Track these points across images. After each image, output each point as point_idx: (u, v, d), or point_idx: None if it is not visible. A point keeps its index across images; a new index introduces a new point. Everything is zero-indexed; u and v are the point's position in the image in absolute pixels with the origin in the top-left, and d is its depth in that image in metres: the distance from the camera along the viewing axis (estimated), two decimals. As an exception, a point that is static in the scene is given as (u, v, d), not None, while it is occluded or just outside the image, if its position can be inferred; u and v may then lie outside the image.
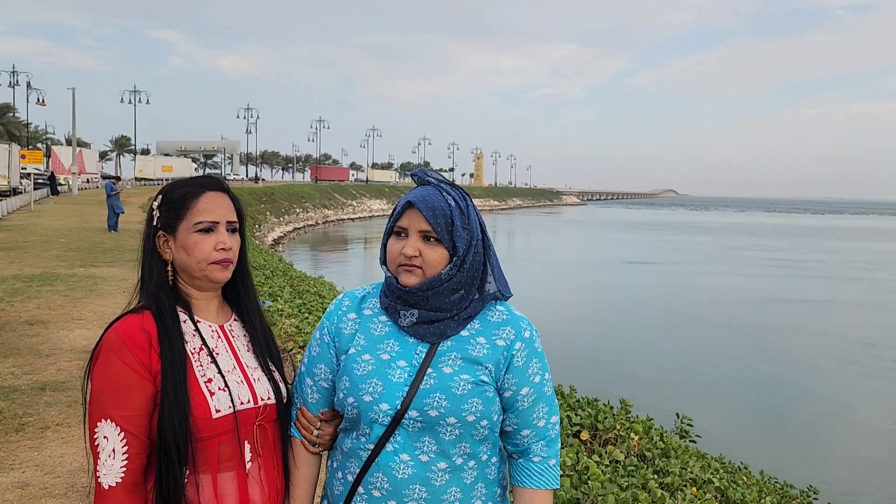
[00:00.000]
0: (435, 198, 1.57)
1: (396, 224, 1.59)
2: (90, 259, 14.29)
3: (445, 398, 1.53)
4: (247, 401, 1.63)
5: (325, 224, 59.13)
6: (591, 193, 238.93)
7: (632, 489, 3.97)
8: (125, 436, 1.51)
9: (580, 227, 72.80)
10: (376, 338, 1.62)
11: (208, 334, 1.67)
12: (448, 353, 1.57)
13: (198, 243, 1.63)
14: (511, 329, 1.61)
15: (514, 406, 1.61)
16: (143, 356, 1.55)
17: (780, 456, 9.76)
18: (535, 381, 1.62)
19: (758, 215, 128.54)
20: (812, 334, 18.92)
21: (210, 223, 1.64)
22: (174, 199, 1.67)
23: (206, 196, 1.66)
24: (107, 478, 1.50)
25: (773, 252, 44.89)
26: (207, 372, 1.61)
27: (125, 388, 1.53)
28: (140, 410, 1.53)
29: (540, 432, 1.65)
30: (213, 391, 1.59)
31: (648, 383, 13.01)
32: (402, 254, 1.57)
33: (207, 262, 1.63)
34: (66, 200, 37.63)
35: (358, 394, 1.56)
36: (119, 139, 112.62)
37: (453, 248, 1.57)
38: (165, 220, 1.66)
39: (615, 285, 27.97)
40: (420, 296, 1.57)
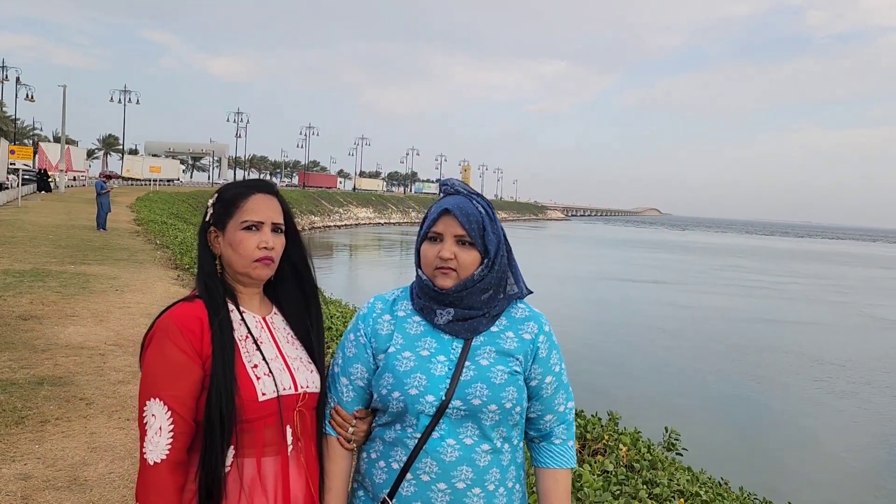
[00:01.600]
0: (467, 205, 1.72)
1: (432, 230, 1.73)
2: (80, 257, 14.25)
3: (486, 387, 1.67)
4: (288, 387, 1.73)
5: (312, 230, 59.00)
6: (575, 209, 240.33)
7: (624, 497, 4.09)
8: (172, 415, 1.60)
9: (564, 242, 73.17)
10: (413, 336, 1.74)
11: (253, 324, 1.78)
12: (482, 347, 1.71)
13: (243, 241, 1.74)
14: (534, 324, 1.78)
15: (539, 394, 1.77)
16: (195, 341, 1.65)
17: (756, 472, 9.92)
18: (555, 370, 1.79)
19: (738, 237, 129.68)
20: (787, 354, 19.20)
21: (255, 222, 1.74)
22: (226, 199, 1.79)
23: (255, 197, 1.77)
24: (152, 454, 1.58)
25: (751, 273, 45.44)
26: (254, 358, 1.71)
27: (176, 370, 1.62)
28: (188, 392, 1.62)
29: (560, 416, 1.81)
30: (259, 376, 1.69)
31: (628, 397, 13.15)
32: (438, 257, 1.70)
33: (251, 259, 1.74)
34: (54, 198, 37.32)
35: (403, 388, 1.68)
36: (107, 138, 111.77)
37: (485, 250, 1.73)
38: (217, 217, 1.78)
39: (597, 300, 28.19)
40: (455, 296, 1.71)
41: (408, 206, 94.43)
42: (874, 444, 12.34)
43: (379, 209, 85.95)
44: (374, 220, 79.71)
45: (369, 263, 39.77)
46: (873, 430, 13.02)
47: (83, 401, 5.48)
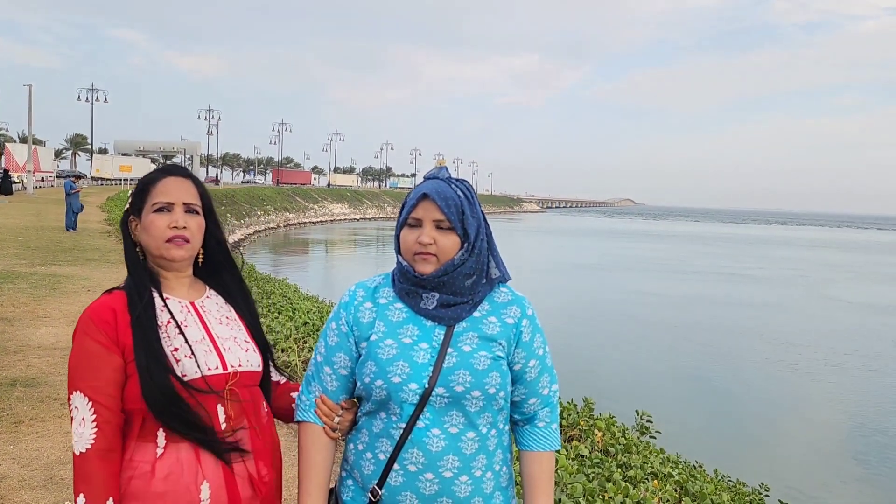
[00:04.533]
0: (446, 189, 1.72)
1: (410, 216, 1.72)
2: (50, 258, 14.06)
3: (469, 374, 1.67)
4: (214, 367, 1.75)
5: (287, 227, 58.63)
6: (550, 201, 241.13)
7: (598, 480, 4.17)
8: (94, 405, 1.63)
9: (540, 234, 73.48)
10: (395, 324, 1.73)
11: (177, 309, 1.79)
12: (465, 333, 1.71)
13: (153, 222, 1.77)
14: (517, 308, 1.78)
15: (523, 378, 1.77)
16: (110, 331, 1.67)
17: (730, 454, 10.11)
18: (539, 353, 1.80)
19: (710, 225, 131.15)
20: (755, 336, 19.54)
21: (165, 203, 1.78)
22: (140, 186, 1.84)
23: (166, 180, 1.81)
24: (78, 444, 1.62)
25: (721, 259, 46.17)
26: (174, 342, 1.72)
27: (93, 362, 1.65)
28: (109, 381, 1.65)
29: (544, 400, 1.81)
30: (178, 359, 1.70)
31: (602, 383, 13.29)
32: (417, 242, 1.69)
33: (162, 239, 1.76)
34: (22, 199, 36.65)
35: (386, 376, 1.67)
36: (75, 137, 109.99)
37: (464, 234, 1.72)
38: (134, 205, 1.83)
39: (571, 289, 28.43)
40: (436, 282, 1.70)
41: (383, 202, 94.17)
42: (841, 421, 12.64)
43: (354, 205, 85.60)
44: (349, 215, 79.34)
45: (345, 259, 39.64)
46: (839, 409, 13.32)
47: (57, 401, 5.44)
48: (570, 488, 3.76)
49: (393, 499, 1.68)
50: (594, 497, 3.76)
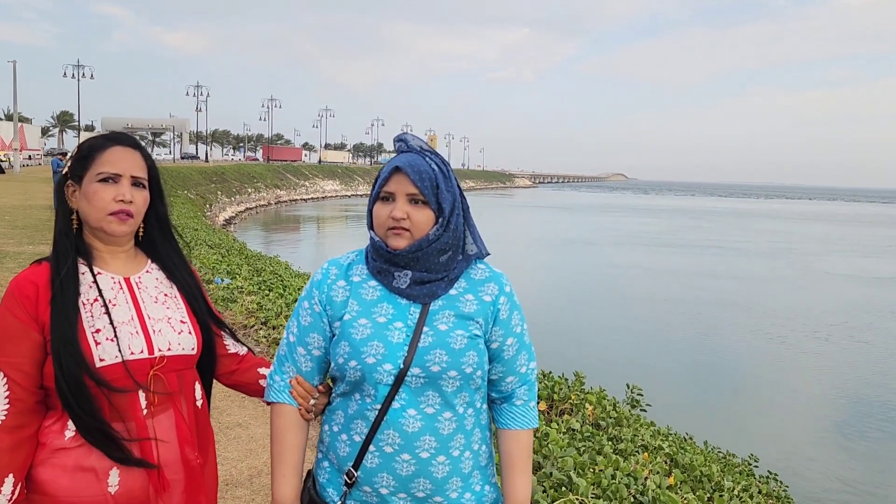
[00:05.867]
0: (419, 162, 1.65)
1: (383, 189, 1.66)
2: (38, 237, 13.98)
3: (446, 353, 1.62)
4: (139, 351, 1.67)
5: (278, 204, 58.38)
6: (542, 176, 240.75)
7: (589, 453, 4.20)
8: (7, 381, 1.58)
9: (532, 209, 73.48)
10: (369, 302, 1.68)
11: (108, 286, 1.71)
12: (441, 312, 1.66)
13: (97, 192, 1.67)
14: (494, 285, 1.73)
15: (501, 356, 1.73)
16: (30, 306, 1.61)
17: (719, 426, 10.22)
18: (517, 331, 1.74)
19: (701, 199, 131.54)
20: (744, 309, 19.72)
21: (111, 174, 1.68)
22: (83, 151, 1.73)
23: (113, 149, 1.71)
24: None
25: (710, 233, 46.42)
26: (97, 323, 1.64)
27: (10, 337, 1.59)
28: (25, 357, 1.59)
29: (522, 378, 1.77)
30: (99, 341, 1.62)
31: (593, 357, 13.39)
32: (390, 217, 1.63)
33: (105, 212, 1.68)
34: (9, 178, 36.31)
35: (360, 357, 1.63)
36: (61, 115, 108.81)
37: (439, 209, 1.66)
38: (73, 170, 1.72)
39: (561, 264, 28.56)
40: (410, 258, 1.64)
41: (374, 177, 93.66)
42: (828, 393, 12.77)
43: (345, 181, 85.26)
44: (340, 192, 79.06)
45: (337, 236, 39.55)
46: (827, 380, 13.47)
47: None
48: (561, 462, 3.78)
49: (369, 480, 1.65)
50: (585, 470, 3.77)
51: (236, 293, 8.48)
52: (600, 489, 3.58)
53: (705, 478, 4.80)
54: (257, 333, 6.89)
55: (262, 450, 4.39)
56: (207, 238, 16.52)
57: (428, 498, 1.65)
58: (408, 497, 1.64)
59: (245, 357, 1.97)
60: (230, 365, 1.94)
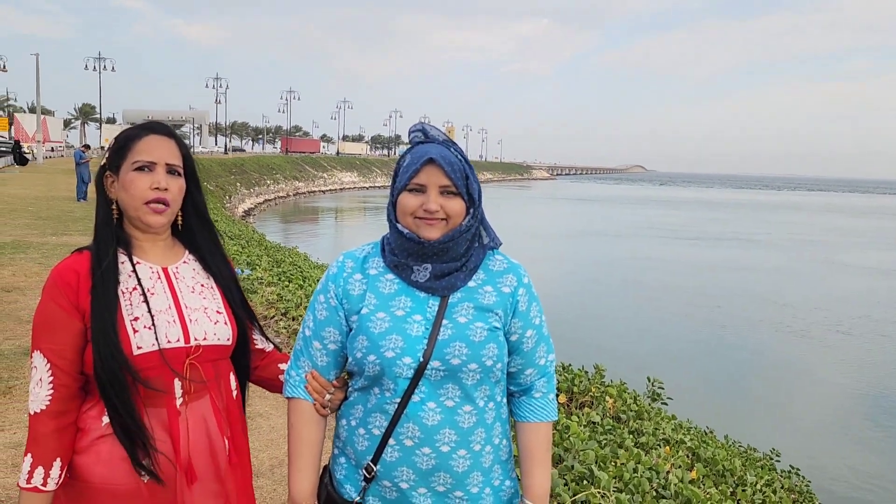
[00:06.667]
0: (448, 154, 1.64)
1: (413, 181, 1.62)
2: (61, 227, 14.12)
3: (466, 346, 1.60)
4: (175, 339, 1.69)
5: (296, 196, 58.61)
6: (560, 168, 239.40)
7: (610, 446, 4.17)
8: (51, 367, 1.61)
9: (550, 201, 73.19)
10: (387, 295, 1.66)
11: (146, 275, 1.73)
12: (460, 304, 1.64)
13: (133, 181, 1.69)
14: (513, 276, 1.71)
15: (520, 348, 1.71)
16: (71, 294, 1.63)
17: (740, 421, 10.14)
18: (535, 322, 1.72)
19: (720, 191, 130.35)
20: (765, 302, 19.53)
21: (147, 163, 1.70)
22: (119, 141, 1.76)
23: (149, 138, 1.73)
24: (33, 404, 1.62)
25: (731, 225, 46.07)
26: (136, 311, 1.66)
27: (53, 324, 1.63)
28: (68, 345, 1.62)
29: (541, 370, 1.76)
30: (137, 329, 1.64)
31: (612, 350, 13.32)
32: (424, 209, 1.61)
33: (142, 200, 1.69)
34: (32, 169, 36.74)
35: (379, 351, 1.60)
36: (83, 107, 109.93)
37: (469, 199, 1.65)
38: (111, 161, 1.75)
39: (580, 256, 28.44)
40: (441, 248, 1.62)
41: (392, 169, 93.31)
42: (851, 387, 12.63)
43: (363, 173, 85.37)
44: (358, 184, 79.16)
45: (355, 227, 39.65)
46: (849, 374, 13.30)
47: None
48: (583, 455, 3.76)
49: (389, 475, 1.63)
50: (606, 463, 3.76)
51: (256, 284, 8.53)
52: (622, 483, 3.56)
53: (728, 472, 4.76)
54: (277, 324, 6.93)
55: (284, 440, 4.39)
56: (227, 229, 16.63)
57: (448, 492, 1.63)
58: (428, 491, 1.63)
59: (269, 353, 1.97)
60: (255, 360, 1.95)
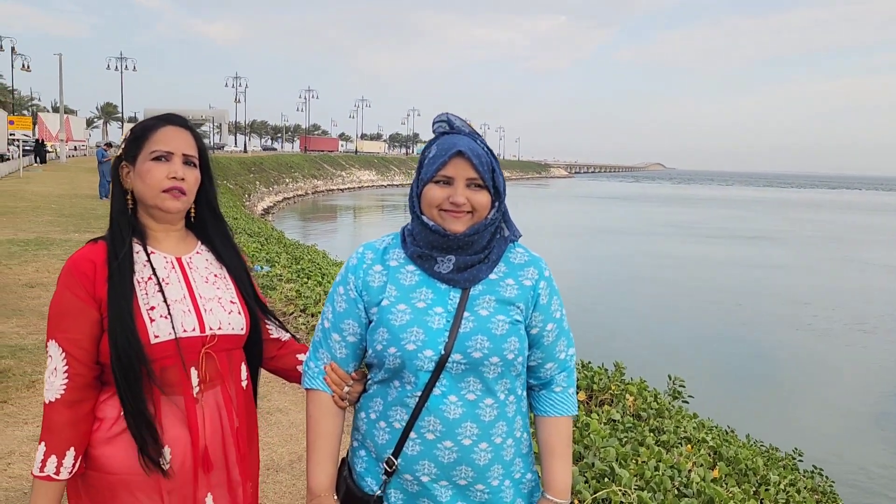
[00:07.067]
0: (475, 146, 1.62)
1: (440, 172, 1.61)
2: (83, 224, 14.29)
3: (487, 339, 1.59)
4: (191, 329, 1.70)
5: (315, 194, 58.86)
6: (578, 166, 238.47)
7: (631, 444, 4.13)
8: (66, 357, 1.61)
9: (568, 199, 72.92)
10: (408, 287, 1.64)
11: (161, 265, 1.74)
12: (481, 297, 1.63)
13: (150, 170, 1.71)
14: (534, 269, 1.70)
15: (541, 342, 1.70)
16: (88, 284, 1.64)
17: (762, 419, 10.02)
18: (556, 316, 1.71)
19: (741, 189, 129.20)
20: (787, 300, 19.28)
21: (164, 153, 1.72)
22: (137, 132, 1.78)
23: (166, 129, 1.75)
24: (48, 393, 1.62)
25: (752, 223, 45.68)
26: (152, 300, 1.67)
27: (69, 313, 1.63)
28: (84, 334, 1.63)
29: (561, 364, 1.74)
30: (153, 318, 1.65)
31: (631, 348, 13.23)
32: (451, 202, 1.60)
33: (159, 189, 1.71)
34: (55, 167, 37.24)
35: (400, 343, 1.59)
36: (105, 106, 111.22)
37: (495, 192, 1.64)
38: (128, 151, 1.76)
39: (598, 254, 28.29)
40: (466, 241, 1.61)
41: (410, 168, 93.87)
42: (874, 386, 12.44)
43: (382, 171, 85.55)
44: (377, 182, 79.33)
45: (373, 225, 39.73)
46: (872, 373, 13.11)
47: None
48: (603, 452, 3.73)
49: (410, 468, 1.62)
50: (627, 461, 3.72)
51: (275, 281, 8.56)
52: (643, 481, 3.52)
53: (750, 471, 4.69)
54: (296, 321, 6.94)
55: (303, 435, 4.41)
56: (247, 227, 16.73)
57: (470, 485, 1.62)
58: (449, 484, 1.62)
59: (286, 343, 1.97)
60: (271, 350, 1.94)
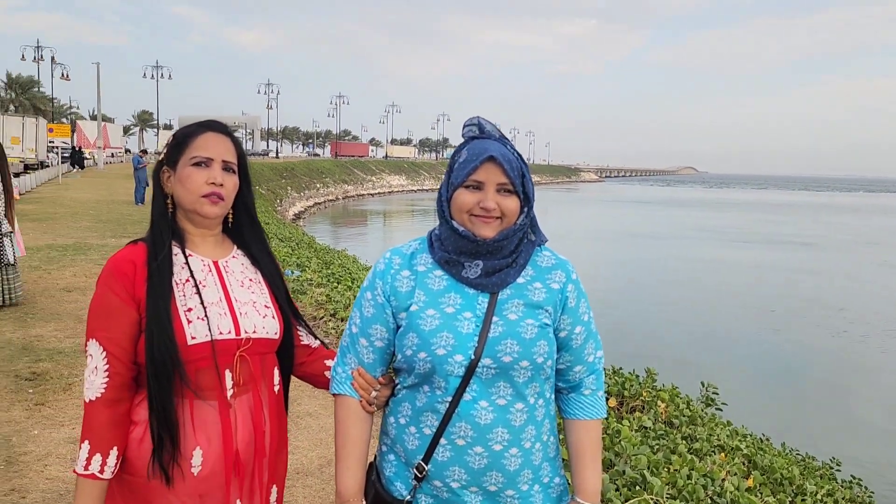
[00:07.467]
0: (506, 152, 1.62)
1: (472, 178, 1.60)
2: (120, 230, 14.56)
3: (517, 343, 1.58)
4: (227, 331, 1.71)
5: (346, 199, 59.25)
6: (609, 170, 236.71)
7: (663, 452, 4.07)
8: (107, 356, 1.63)
9: (598, 203, 72.40)
10: (436, 292, 1.64)
11: (198, 267, 1.76)
12: (510, 301, 1.63)
13: (190, 176, 1.73)
14: (562, 272, 1.69)
15: (569, 345, 1.69)
16: (128, 284, 1.66)
17: (796, 427, 9.82)
18: (584, 319, 1.71)
19: (776, 193, 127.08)
20: (822, 307, 18.86)
21: (204, 158, 1.74)
22: (178, 137, 1.80)
23: (206, 135, 1.77)
24: (88, 392, 1.63)
25: (786, 227, 44.86)
26: (189, 302, 1.69)
27: (109, 313, 1.65)
28: (124, 334, 1.64)
29: (590, 367, 1.74)
30: (190, 320, 1.67)
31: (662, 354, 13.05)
32: (481, 207, 1.59)
33: (198, 194, 1.72)
34: (92, 174, 38.03)
35: (430, 348, 1.59)
36: (141, 114, 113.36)
37: (525, 198, 1.64)
38: (169, 156, 1.79)
39: (629, 258, 28.01)
40: (495, 246, 1.61)
41: (440, 173, 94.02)
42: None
43: (412, 176, 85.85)
44: (406, 187, 79.60)
45: (404, 230, 39.84)
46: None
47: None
48: (635, 460, 3.68)
49: (440, 474, 1.62)
50: (659, 469, 3.67)
51: (306, 285, 8.63)
52: (675, 489, 3.47)
53: (786, 481, 4.60)
54: (326, 325, 6.99)
55: (332, 440, 4.39)
56: (278, 232, 16.90)
57: (500, 492, 1.62)
58: (479, 491, 1.61)
59: (316, 350, 1.98)
60: (301, 356, 1.95)
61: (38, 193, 23.73)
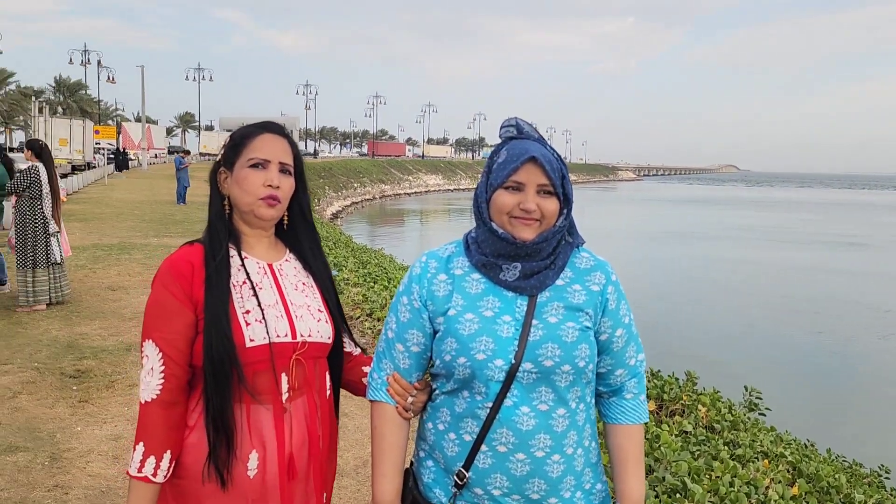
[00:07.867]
0: (546, 152, 1.60)
1: (512, 178, 1.57)
2: (162, 230, 14.83)
3: (558, 347, 1.55)
4: (284, 334, 1.69)
5: (382, 198, 59.57)
6: (647, 169, 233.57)
7: (704, 458, 3.98)
8: (163, 357, 1.61)
9: (636, 203, 71.58)
10: (474, 296, 1.62)
11: (254, 270, 1.74)
12: (549, 304, 1.60)
13: (247, 177, 1.71)
14: (601, 274, 1.65)
15: (610, 348, 1.66)
16: (186, 285, 1.63)
17: (842, 433, 9.56)
18: (625, 321, 1.67)
19: (820, 191, 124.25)
20: (870, 309, 18.33)
21: (262, 160, 1.72)
22: (235, 139, 1.78)
23: (263, 136, 1.75)
24: (144, 393, 1.61)
25: (830, 226, 43.80)
26: (247, 304, 1.67)
27: (166, 313, 1.63)
28: (180, 335, 1.62)
29: (631, 370, 1.70)
30: (249, 322, 1.65)
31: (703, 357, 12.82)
32: (521, 209, 1.57)
33: (255, 196, 1.70)
34: (136, 175, 38.88)
35: (470, 353, 1.57)
36: (184, 116, 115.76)
37: (565, 199, 1.61)
38: (226, 157, 1.77)
39: (668, 258, 27.59)
40: (534, 248, 1.58)
41: (476, 172, 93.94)
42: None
43: (448, 175, 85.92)
44: (443, 186, 79.69)
45: (440, 229, 39.89)
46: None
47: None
48: (675, 466, 3.61)
49: (481, 481, 1.59)
50: (700, 476, 3.58)
51: (342, 285, 8.67)
52: (717, 497, 3.39)
53: (833, 489, 4.46)
54: (363, 325, 7.01)
55: (369, 441, 4.40)
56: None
57: (543, 499, 1.58)
58: (521, 498, 1.58)
59: (356, 357, 1.97)
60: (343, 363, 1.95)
61: (85, 194, 24.31)
